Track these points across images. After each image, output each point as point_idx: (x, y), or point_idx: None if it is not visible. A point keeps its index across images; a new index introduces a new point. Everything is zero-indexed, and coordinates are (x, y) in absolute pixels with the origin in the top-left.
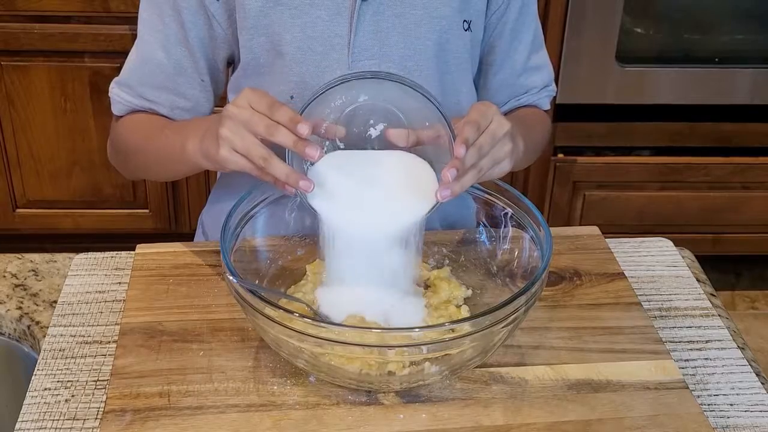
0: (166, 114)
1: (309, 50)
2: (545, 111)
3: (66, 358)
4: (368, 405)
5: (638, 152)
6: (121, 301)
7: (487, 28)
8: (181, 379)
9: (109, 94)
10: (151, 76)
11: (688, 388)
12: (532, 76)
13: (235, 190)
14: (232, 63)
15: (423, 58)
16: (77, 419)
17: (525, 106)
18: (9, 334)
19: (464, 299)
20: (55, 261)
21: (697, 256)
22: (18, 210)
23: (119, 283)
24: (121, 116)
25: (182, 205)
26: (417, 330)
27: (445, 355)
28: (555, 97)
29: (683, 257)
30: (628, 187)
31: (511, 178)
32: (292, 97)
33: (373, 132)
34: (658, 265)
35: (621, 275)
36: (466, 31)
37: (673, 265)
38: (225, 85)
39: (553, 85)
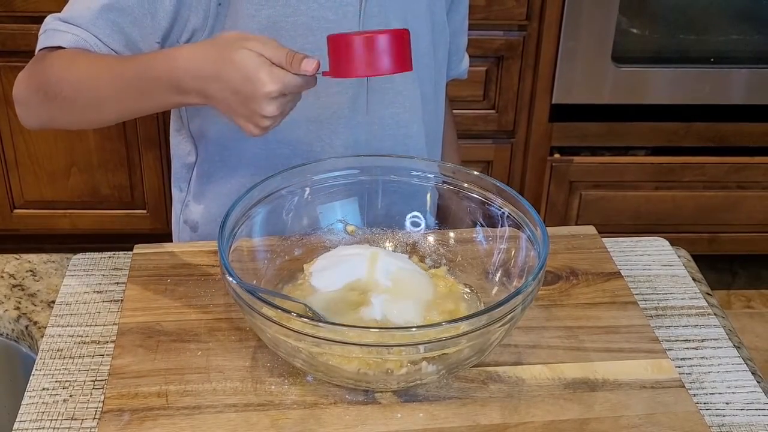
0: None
1: (323, 19)
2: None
3: (64, 358)
4: (366, 404)
5: (634, 152)
6: (118, 301)
7: None
8: (179, 379)
9: (46, 27)
10: (106, 24)
11: (684, 386)
12: (464, 38)
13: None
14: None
15: (418, 22)
16: (75, 419)
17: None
18: (7, 335)
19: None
20: (53, 261)
21: (693, 256)
22: (16, 210)
23: (117, 283)
24: (54, 50)
25: None
26: (414, 329)
27: (443, 354)
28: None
29: (679, 257)
30: (625, 187)
31: (507, 178)
32: None
33: None
34: (654, 264)
35: (617, 275)
36: None
37: (669, 265)
38: None
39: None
